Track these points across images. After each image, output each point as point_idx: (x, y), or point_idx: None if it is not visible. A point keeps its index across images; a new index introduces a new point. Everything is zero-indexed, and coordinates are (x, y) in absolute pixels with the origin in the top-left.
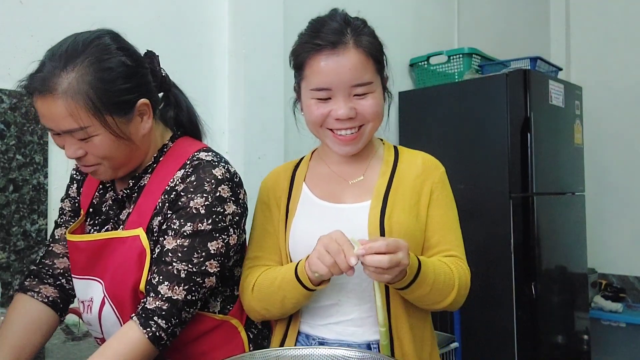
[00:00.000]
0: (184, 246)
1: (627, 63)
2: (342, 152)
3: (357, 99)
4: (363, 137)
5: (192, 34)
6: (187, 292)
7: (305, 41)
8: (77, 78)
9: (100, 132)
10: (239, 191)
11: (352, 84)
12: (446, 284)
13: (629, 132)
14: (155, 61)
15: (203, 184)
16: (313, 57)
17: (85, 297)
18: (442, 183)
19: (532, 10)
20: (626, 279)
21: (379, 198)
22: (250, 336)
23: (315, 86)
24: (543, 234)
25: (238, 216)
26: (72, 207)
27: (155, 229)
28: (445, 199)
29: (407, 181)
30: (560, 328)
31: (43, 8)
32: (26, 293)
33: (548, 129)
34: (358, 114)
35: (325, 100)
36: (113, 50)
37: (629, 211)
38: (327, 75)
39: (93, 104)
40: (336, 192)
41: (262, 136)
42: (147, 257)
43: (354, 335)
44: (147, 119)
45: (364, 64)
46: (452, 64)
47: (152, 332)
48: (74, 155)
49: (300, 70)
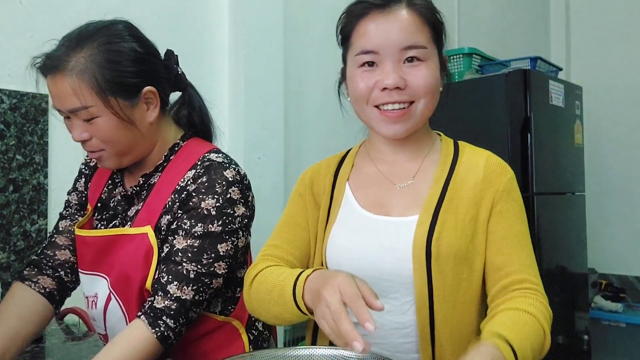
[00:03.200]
0: (194, 247)
1: (627, 63)
2: (390, 132)
3: (408, 67)
4: (413, 117)
5: (192, 34)
6: (195, 292)
7: (355, 4)
8: (85, 57)
9: (103, 114)
10: (248, 194)
11: (402, 46)
12: (539, 341)
13: (629, 132)
14: (173, 59)
15: (214, 185)
16: (361, 20)
17: (90, 293)
18: (509, 192)
19: (532, 10)
20: (626, 279)
21: (429, 212)
22: (251, 338)
23: (360, 49)
24: (543, 234)
25: (247, 219)
26: (79, 200)
27: (164, 228)
28: (512, 210)
29: (465, 189)
30: (560, 328)
31: (43, 8)
32: (24, 282)
33: (548, 129)
34: (408, 85)
35: (372, 69)
36: (125, 36)
37: (629, 211)
38: (373, 36)
39: (97, 83)
40: (382, 199)
41: (262, 136)
42: (154, 255)
43: None
44: (154, 108)
45: (418, 26)
46: (452, 64)
47: (161, 332)
48: (79, 137)
49: (346, 41)
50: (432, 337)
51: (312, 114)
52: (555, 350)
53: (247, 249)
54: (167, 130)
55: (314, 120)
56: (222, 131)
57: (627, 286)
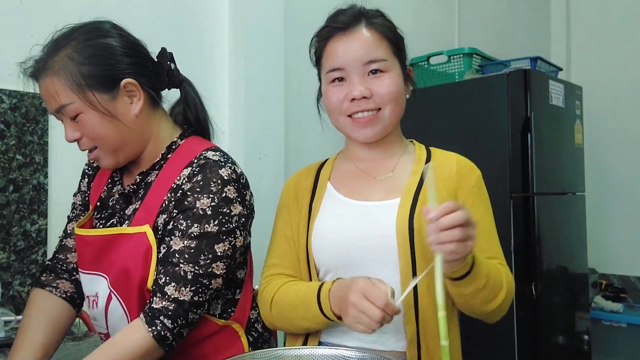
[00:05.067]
0: (190, 247)
1: (628, 63)
2: (361, 136)
3: (372, 78)
4: (382, 122)
5: (192, 34)
6: (194, 293)
7: (322, 28)
8: (62, 57)
9: (84, 110)
10: (245, 192)
11: (365, 61)
12: (497, 281)
13: (629, 132)
14: (166, 55)
15: (209, 184)
16: (328, 43)
17: (90, 292)
18: (479, 187)
19: (532, 10)
20: (627, 279)
21: (409, 195)
22: (250, 339)
23: (329, 67)
24: (543, 234)
25: (244, 217)
26: (83, 201)
27: (160, 227)
28: (482, 204)
29: (440, 182)
30: (560, 328)
31: (43, 8)
32: (44, 288)
33: (548, 129)
34: (374, 94)
35: (341, 83)
36: (104, 33)
37: (629, 211)
38: (339, 55)
39: (73, 79)
40: (363, 189)
41: (262, 136)
42: (153, 253)
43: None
44: (138, 100)
45: (377, 42)
46: (452, 64)
47: (157, 331)
48: (71, 137)
49: (318, 62)
50: (416, 311)
51: (312, 113)
52: (556, 350)
53: (247, 249)
54: (162, 127)
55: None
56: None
57: (627, 286)
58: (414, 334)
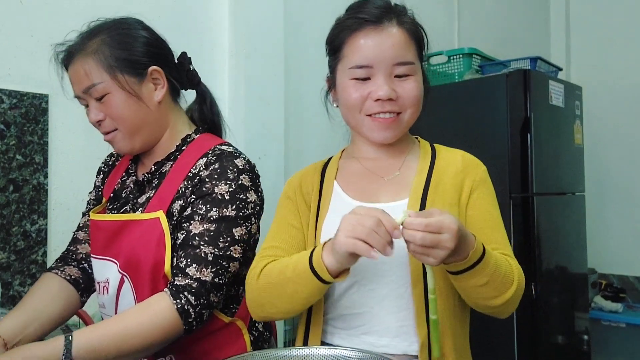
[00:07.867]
0: (210, 230)
1: (627, 63)
2: (380, 137)
3: (398, 80)
4: (401, 125)
5: (192, 34)
6: (215, 274)
7: (347, 18)
8: (97, 42)
9: (112, 89)
10: (258, 182)
11: (395, 62)
12: (506, 278)
13: (629, 132)
14: (186, 58)
15: (226, 171)
16: (354, 34)
17: (101, 278)
18: (484, 181)
19: (532, 10)
20: (626, 279)
21: (417, 196)
22: (251, 338)
23: (355, 63)
24: (543, 234)
25: (258, 206)
26: (96, 196)
27: (176, 213)
28: (488, 197)
29: (446, 178)
30: (560, 328)
31: (43, 8)
32: (51, 271)
33: (548, 129)
34: (399, 97)
35: (365, 81)
36: (135, 26)
37: (629, 211)
38: (368, 51)
39: (106, 59)
40: (371, 190)
41: (262, 136)
42: (166, 239)
43: (389, 347)
44: (161, 88)
45: (407, 43)
46: (452, 64)
47: (181, 305)
48: (95, 117)
49: (337, 52)
50: (427, 314)
51: (312, 113)
52: (555, 350)
53: (256, 244)
54: (179, 121)
55: (314, 120)
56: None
57: (627, 286)
58: (425, 337)
